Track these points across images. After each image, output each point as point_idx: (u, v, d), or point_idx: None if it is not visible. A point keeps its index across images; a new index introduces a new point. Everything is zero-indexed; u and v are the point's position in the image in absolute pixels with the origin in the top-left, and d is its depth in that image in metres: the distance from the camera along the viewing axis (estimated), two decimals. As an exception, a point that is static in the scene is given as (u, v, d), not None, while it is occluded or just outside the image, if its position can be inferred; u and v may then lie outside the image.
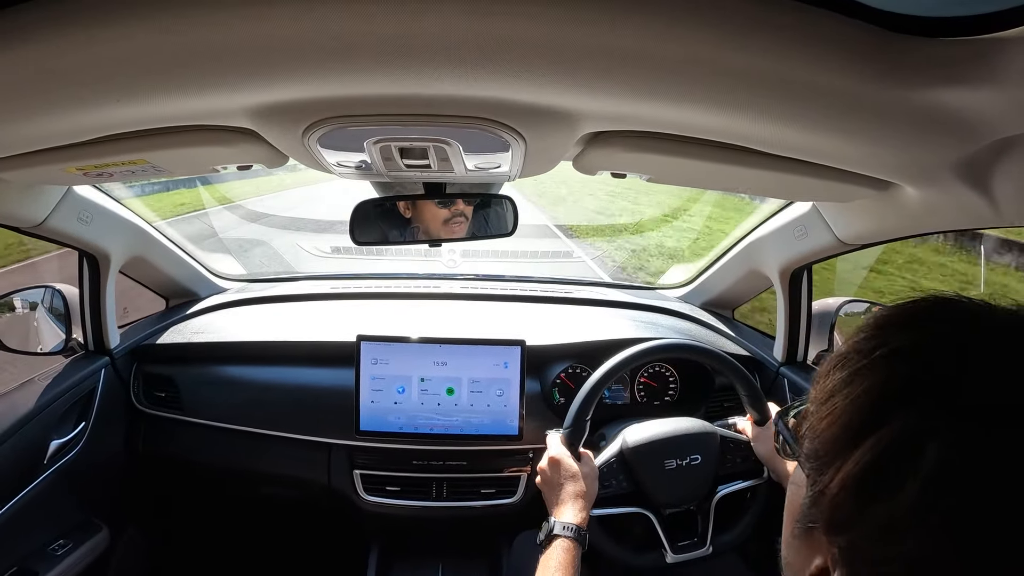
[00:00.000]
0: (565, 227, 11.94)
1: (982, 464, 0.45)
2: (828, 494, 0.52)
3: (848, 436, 0.52)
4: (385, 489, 1.93)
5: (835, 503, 0.52)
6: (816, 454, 0.56)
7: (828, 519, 0.53)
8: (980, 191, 0.98)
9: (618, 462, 1.58)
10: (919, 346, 0.52)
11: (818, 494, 0.54)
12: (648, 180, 1.30)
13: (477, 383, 1.89)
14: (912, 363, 0.51)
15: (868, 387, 0.52)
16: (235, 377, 2.04)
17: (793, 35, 0.65)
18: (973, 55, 0.65)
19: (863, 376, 0.53)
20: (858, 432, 0.51)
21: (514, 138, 0.98)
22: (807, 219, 1.70)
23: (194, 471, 2.15)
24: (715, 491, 1.60)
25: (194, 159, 1.22)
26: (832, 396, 0.55)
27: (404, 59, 0.72)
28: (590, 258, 9.41)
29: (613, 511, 1.54)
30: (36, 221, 1.57)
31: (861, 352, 0.55)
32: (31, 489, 1.66)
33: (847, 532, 0.51)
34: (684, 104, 0.83)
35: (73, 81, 0.76)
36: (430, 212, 1.54)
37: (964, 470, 0.45)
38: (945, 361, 0.50)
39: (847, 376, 0.55)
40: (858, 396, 0.53)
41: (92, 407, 1.89)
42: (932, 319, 0.55)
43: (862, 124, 0.83)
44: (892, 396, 0.50)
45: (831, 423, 0.54)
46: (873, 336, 0.56)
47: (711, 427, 1.65)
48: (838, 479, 0.51)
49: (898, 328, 0.55)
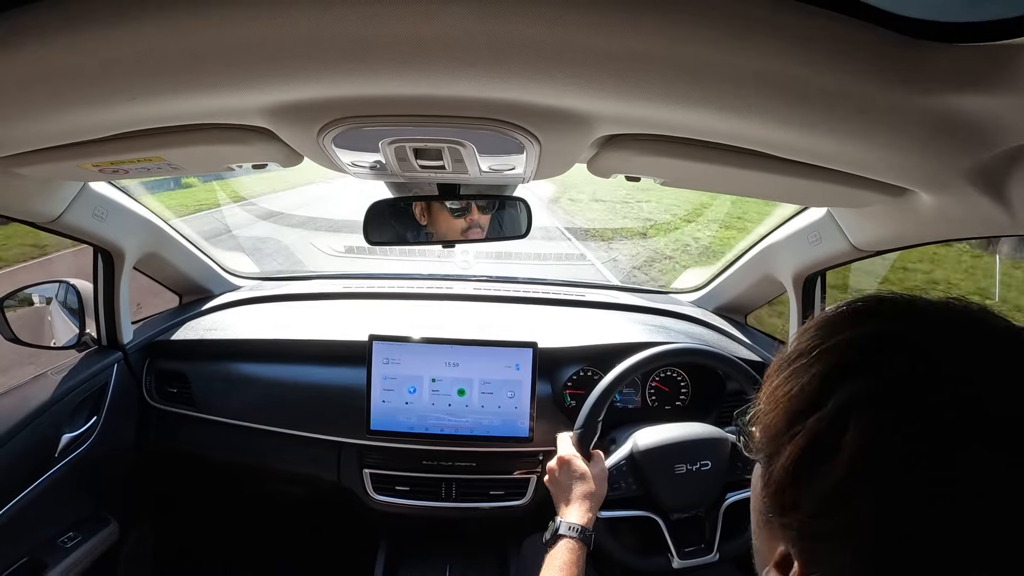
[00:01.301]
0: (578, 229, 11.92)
1: (896, 442, 0.50)
2: (774, 480, 0.58)
3: (788, 424, 0.57)
4: (394, 489, 1.94)
5: (780, 487, 0.57)
6: (764, 447, 0.61)
7: (778, 504, 0.58)
8: (996, 198, 0.97)
9: (628, 464, 1.58)
10: (852, 339, 0.56)
11: (768, 482, 0.59)
12: (662, 184, 1.30)
13: (488, 384, 1.89)
14: (844, 354, 0.56)
15: (808, 379, 0.56)
16: (247, 374, 2.05)
17: (808, 40, 0.65)
18: (990, 61, 0.65)
19: (803, 369, 0.58)
20: (796, 419, 0.56)
21: (529, 140, 0.97)
22: (821, 225, 1.69)
23: (204, 467, 2.16)
24: (724, 498, 1.59)
25: (209, 157, 1.23)
26: (776, 391, 0.60)
27: (420, 60, 0.72)
28: (600, 262, 9.41)
29: (621, 514, 1.54)
30: (52, 216, 1.58)
31: (802, 351, 0.59)
32: (42, 482, 1.67)
33: (794, 514, 0.56)
34: (699, 108, 0.83)
35: (90, 79, 0.77)
36: (445, 222, 1.54)
37: (881, 447, 0.50)
38: (871, 350, 0.55)
39: (790, 372, 0.59)
40: (799, 387, 0.57)
41: (104, 402, 1.90)
42: (866, 315, 0.59)
43: (878, 129, 0.82)
44: (826, 384, 0.55)
45: (775, 416, 0.59)
46: (815, 335, 0.60)
47: (723, 433, 1.64)
48: (780, 464, 0.57)
49: (835, 325, 0.59)
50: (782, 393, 0.58)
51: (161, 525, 2.28)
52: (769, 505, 0.59)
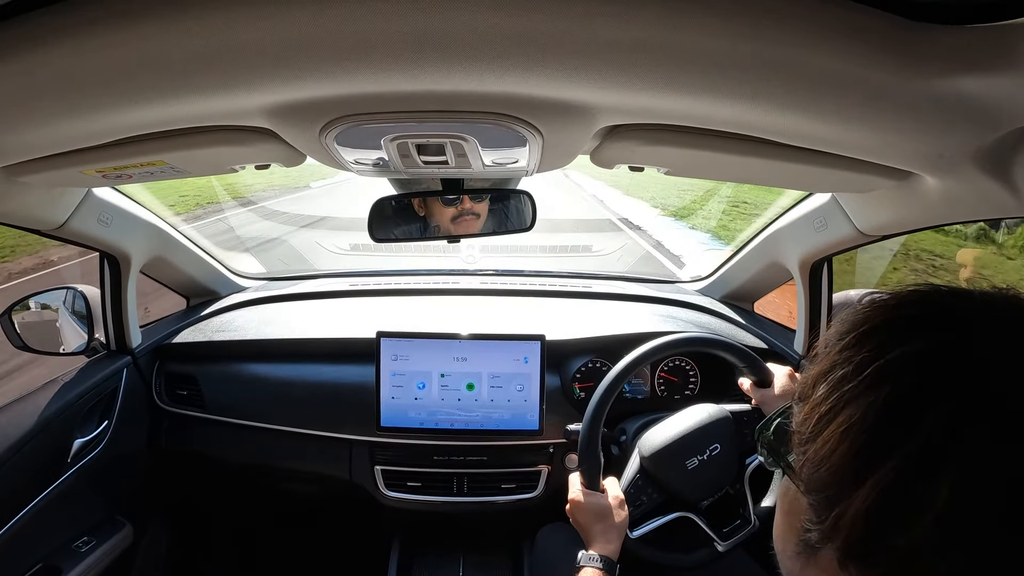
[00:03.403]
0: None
1: (997, 493, 0.44)
2: (842, 527, 0.50)
3: (854, 467, 0.49)
4: (406, 484, 1.95)
5: (851, 536, 0.49)
6: (821, 486, 0.53)
7: (843, 550, 0.51)
8: (1001, 180, 0.96)
9: (642, 477, 1.57)
10: (919, 355, 0.49)
11: (831, 527, 0.51)
12: (666, 173, 1.29)
13: (497, 378, 1.89)
14: (912, 378, 0.49)
15: (866, 411, 0.49)
16: (256, 374, 2.06)
17: (810, 24, 0.65)
18: (993, 41, 0.64)
19: (859, 396, 0.50)
20: (865, 462, 0.48)
21: (531, 133, 0.97)
22: (826, 210, 1.68)
23: (216, 468, 2.17)
24: (744, 467, 1.59)
25: (212, 159, 1.23)
26: (826, 419, 0.52)
27: (420, 56, 0.71)
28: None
29: (653, 525, 1.53)
30: (57, 223, 1.59)
31: (851, 366, 0.52)
32: (55, 487, 1.67)
33: (865, 562, 0.49)
34: (702, 96, 0.82)
35: (92, 85, 0.77)
36: (439, 211, 1.54)
37: (979, 501, 0.44)
38: (947, 369, 0.48)
39: (840, 396, 0.51)
40: (856, 422, 0.50)
41: (115, 406, 1.91)
42: (924, 322, 0.52)
43: (881, 113, 0.82)
44: (894, 420, 0.48)
45: (831, 451, 0.51)
46: (860, 345, 0.53)
47: (721, 410, 1.63)
48: (851, 513, 0.49)
49: (888, 335, 0.52)
50: (840, 421, 0.51)
51: (175, 527, 2.29)
52: (825, 541, 0.52)
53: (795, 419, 0.58)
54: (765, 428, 0.64)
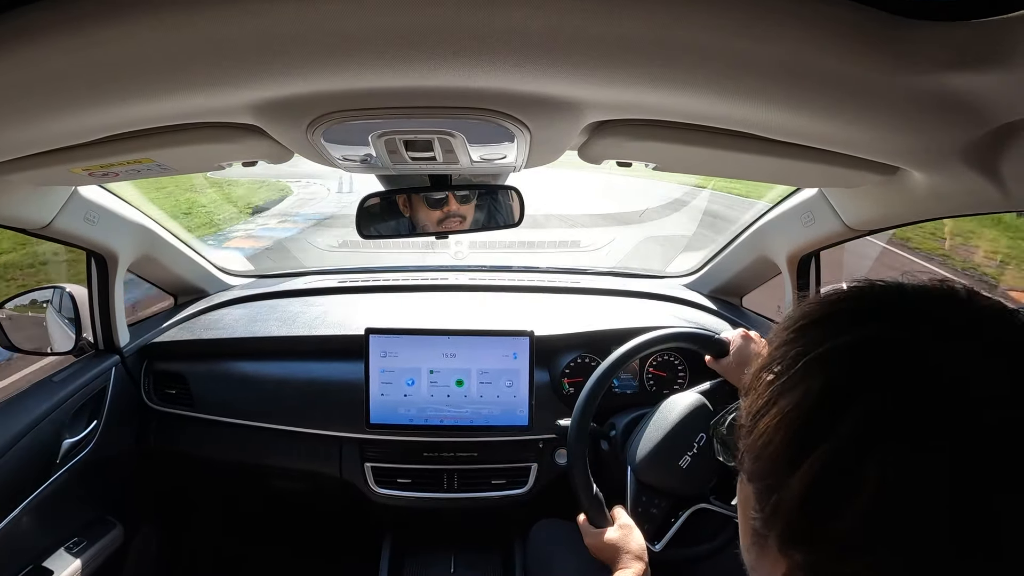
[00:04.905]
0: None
1: (918, 480, 0.45)
2: (779, 513, 0.52)
3: (788, 456, 0.51)
4: (396, 481, 1.95)
5: (787, 522, 0.52)
6: (760, 475, 0.55)
7: (781, 536, 0.53)
8: (988, 176, 0.97)
9: (643, 492, 1.56)
10: (840, 348, 0.52)
11: (771, 513, 0.53)
12: (654, 168, 1.30)
13: (486, 374, 1.89)
14: (837, 367, 0.51)
15: (799, 401, 0.51)
16: (245, 373, 2.05)
17: (797, 20, 0.65)
18: (980, 38, 0.65)
19: (791, 384, 0.52)
20: (798, 451, 0.50)
21: (519, 128, 0.97)
22: (814, 205, 1.69)
23: (206, 467, 2.17)
24: None
25: (199, 156, 1.22)
26: (763, 411, 0.54)
27: (406, 52, 0.71)
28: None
29: (672, 531, 1.54)
30: (43, 223, 1.58)
31: (787, 359, 0.54)
32: (45, 488, 1.67)
33: (802, 548, 0.51)
34: (689, 92, 0.83)
35: (77, 82, 0.76)
36: (425, 211, 1.54)
37: (903, 487, 0.45)
38: (865, 361, 0.50)
39: (776, 388, 0.54)
40: (789, 412, 0.52)
41: (103, 405, 1.90)
42: (856, 316, 0.54)
43: (868, 109, 0.82)
44: (824, 410, 0.50)
45: (768, 441, 0.53)
46: (795, 340, 0.55)
47: (692, 395, 1.63)
48: (785, 500, 0.51)
49: (816, 328, 0.55)
50: (774, 412, 0.53)
51: (165, 526, 2.29)
52: (772, 533, 0.54)
53: (740, 412, 0.59)
54: (720, 424, 0.67)
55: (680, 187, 10.57)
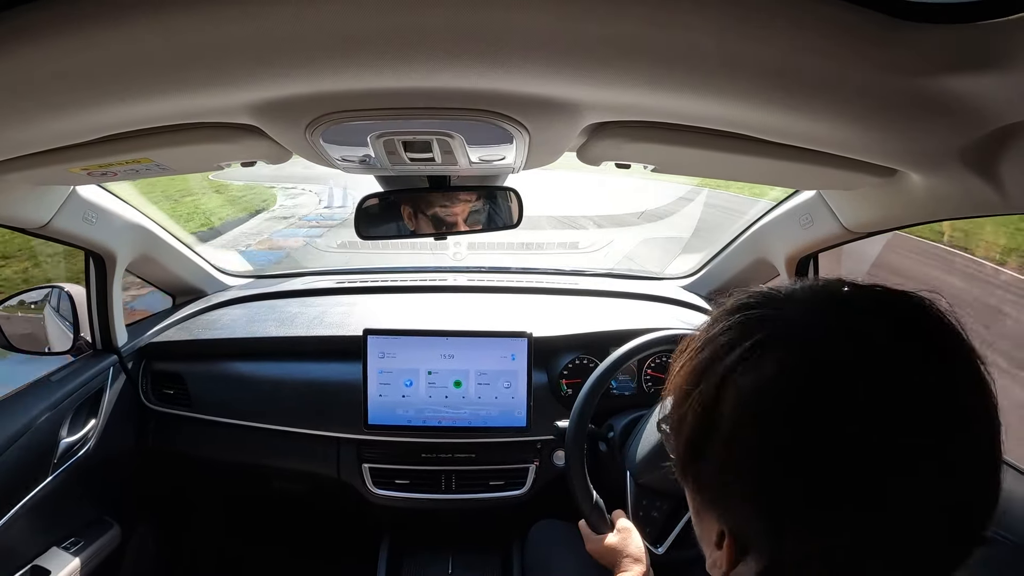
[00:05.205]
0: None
1: (764, 400, 0.55)
2: (680, 458, 0.64)
3: (678, 409, 0.63)
4: (394, 482, 1.95)
5: (684, 464, 0.64)
6: (671, 436, 0.66)
7: (681, 471, 0.65)
8: (986, 178, 0.97)
9: (643, 495, 1.56)
10: (730, 327, 0.61)
11: (681, 467, 0.65)
12: (653, 171, 1.30)
13: (484, 375, 1.89)
14: (723, 340, 0.61)
15: (693, 366, 0.63)
16: (243, 373, 2.05)
17: (796, 22, 0.65)
18: (978, 41, 0.65)
19: (690, 360, 0.64)
20: (683, 401, 0.62)
21: (517, 130, 0.97)
22: (812, 207, 1.69)
23: (204, 467, 2.16)
24: None
25: (198, 156, 1.22)
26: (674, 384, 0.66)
27: (406, 53, 0.71)
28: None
29: (675, 533, 1.54)
30: (41, 222, 1.58)
31: (695, 342, 0.65)
32: (42, 488, 1.66)
33: (690, 484, 0.65)
34: (687, 94, 0.83)
35: (76, 82, 0.76)
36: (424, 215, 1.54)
37: (751, 406, 0.56)
38: (739, 332, 0.60)
39: (681, 364, 0.65)
40: (686, 374, 0.63)
41: (101, 405, 1.90)
42: (744, 306, 0.63)
43: (866, 111, 0.82)
44: (704, 365, 0.61)
45: (673, 406, 0.65)
46: (705, 330, 0.65)
47: None
48: (681, 442, 0.63)
49: (719, 317, 0.64)
50: (679, 381, 0.64)
51: (163, 527, 2.29)
52: (689, 488, 0.66)
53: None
54: (665, 421, 0.72)
55: (680, 187, 10.57)
